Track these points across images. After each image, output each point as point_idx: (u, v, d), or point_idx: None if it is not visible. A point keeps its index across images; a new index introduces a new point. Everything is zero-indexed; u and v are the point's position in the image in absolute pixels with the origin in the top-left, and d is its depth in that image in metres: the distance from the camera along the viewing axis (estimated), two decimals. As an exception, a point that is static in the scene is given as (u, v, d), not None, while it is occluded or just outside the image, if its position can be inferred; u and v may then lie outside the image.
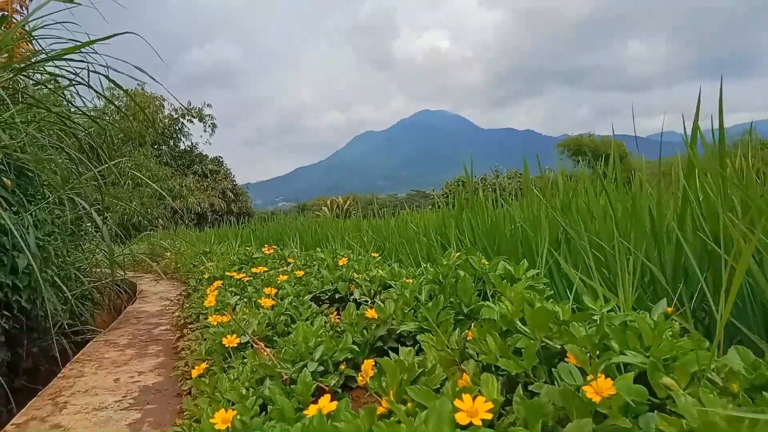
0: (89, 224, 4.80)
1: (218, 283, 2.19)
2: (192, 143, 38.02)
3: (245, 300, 1.93)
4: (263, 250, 3.37)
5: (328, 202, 20.15)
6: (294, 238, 5.99)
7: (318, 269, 2.32)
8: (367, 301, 1.89)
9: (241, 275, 2.21)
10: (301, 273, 2.23)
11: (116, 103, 30.33)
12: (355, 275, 2.09)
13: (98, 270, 5.54)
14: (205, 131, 36.97)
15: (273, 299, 1.79)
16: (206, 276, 2.50)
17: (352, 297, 1.96)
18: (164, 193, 5.31)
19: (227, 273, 2.29)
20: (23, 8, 3.77)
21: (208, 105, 37.17)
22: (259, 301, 1.74)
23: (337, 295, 2.13)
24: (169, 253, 7.36)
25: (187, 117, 37.17)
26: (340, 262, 2.35)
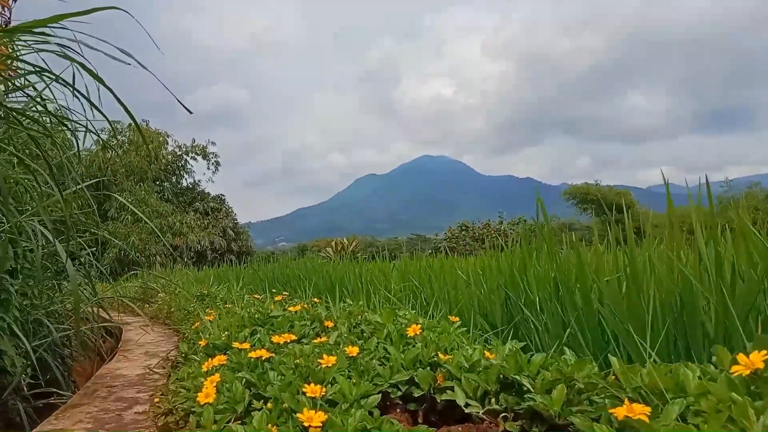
0: (75, 261, 4.16)
1: (220, 359, 1.50)
2: (194, 180, 37.75)
3: (268, 401, 1.20)
4: (276, 298, 2.73)
5: (333, 243, 19.49)
6: (303, 282, 5.33)
7: (376, 343, 1.63)
8: (478, 412, 1.23)
9: (259, 352, 1.47)
10: (355, 351, 1.50)
11: (119, 137, 30.16)
12: (441, 356, 1.42)
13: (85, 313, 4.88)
14: (208, 169, 36.71)
15: (321, 409, 1.08)
16: (202, 343, 1.81)
17: (440, 395, 1.27)
18: (157, 230, 4.70)
19: (235, 343, 1.59)
20: (5, 9, 3.25)
21: (212, 143, 37.03)
22: (298, 416, 1.06)
23: (415, 392, 1.39)
24: (162, 294, 6.67)
25: (190, 154, 36.96)
26: (410, 331, 1.67)
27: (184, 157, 36.81)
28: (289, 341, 1.57)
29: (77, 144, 4.02)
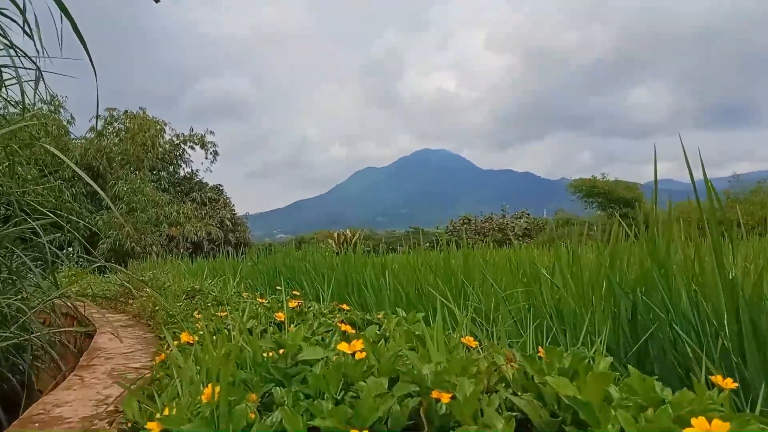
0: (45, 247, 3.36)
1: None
2: (192, 170, 36.83)
3: None
4: (290, 303, 1.95)
5: (335, 234, 18.68)
6: (312, 277, 4.53)
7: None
8: None
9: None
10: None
11: (115, 124, 29.31)
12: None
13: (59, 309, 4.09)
14: (206, 158, 35.78)
15: None
16: (153, 429, 0.99)
17: None
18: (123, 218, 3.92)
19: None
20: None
21: (210, 132, 36.10)
22: None
23: None
24: (149, 289, 5.87)
25: (188, 143, 36.03)
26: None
27: (182, 146, 35.89)
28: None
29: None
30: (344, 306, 2.08)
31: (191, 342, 1.55)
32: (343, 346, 1.03)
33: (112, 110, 31.46)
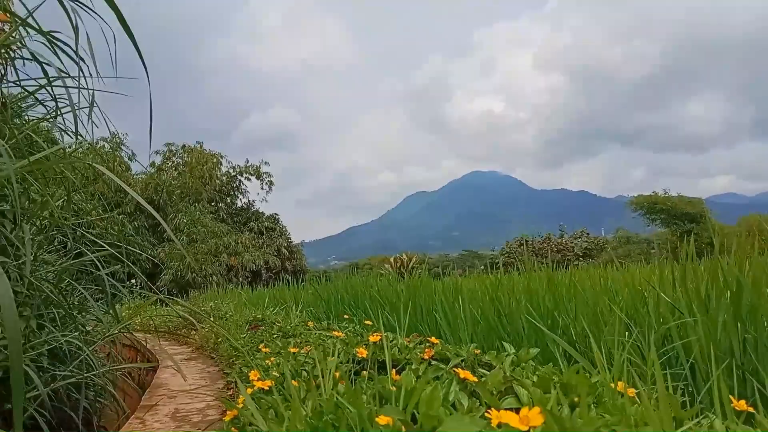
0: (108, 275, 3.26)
1: None
2: (249, 200, 37.67)
3: None
4: (372, 338, 1.69)
5: (392, 259, 18.43)
6: (378, 305, 4.27)
7: None
8: None
9: None
10: None
11: (173, 159, 30.35)
12: None
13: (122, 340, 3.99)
14: (262, 188, 36.56)
15: None
16: None
17: None
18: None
19: None
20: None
21: (265, 163, 36.93)
22: None
23: None
24: (212, 319, 5.76)
25: (244, 174, 36.95)
26: None
27: (238, 177, 36.84)
28: None
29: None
30: (433, 339, 1.79)
31: (265, 388, 1.31)
32: (510, 419, 0.74)
33: (170, 145, 32.64)
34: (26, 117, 3.21)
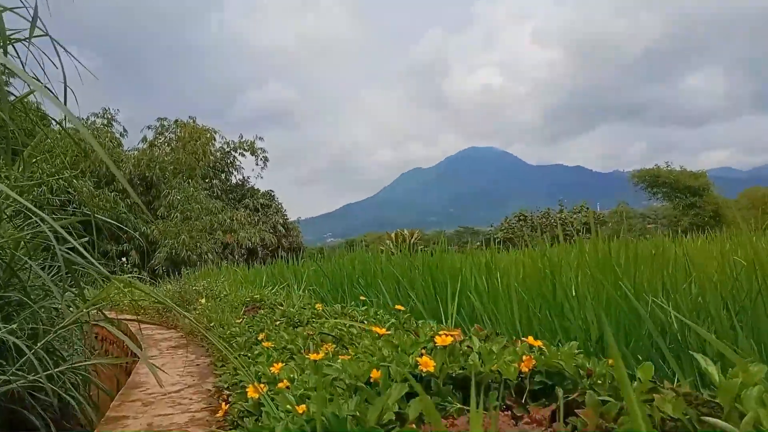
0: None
1: None
2: (243, 177, 36.92)
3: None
4: (441, 340, 1.13)
5: (392, 235, 17.82)
6: (391, 284, 3.69)
7: None
8: None
9: None
10: None
11: (166, 134, 29.57)
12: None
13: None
14: (257, 164, 35.79)
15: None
16: None
17: None
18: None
19: None
20: None
21: (260, 138, 36.09)
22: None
23: None
24: (204, 300, 5.18)
25: (239, 150, 36.15)
26: None
27: (233, 153, 36.04)
28: None
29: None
30: (530, 339, 1.22)
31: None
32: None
33: (162, 120, 31.73)
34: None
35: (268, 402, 0.98)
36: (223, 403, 1.41)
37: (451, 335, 1.14)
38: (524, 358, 1.11)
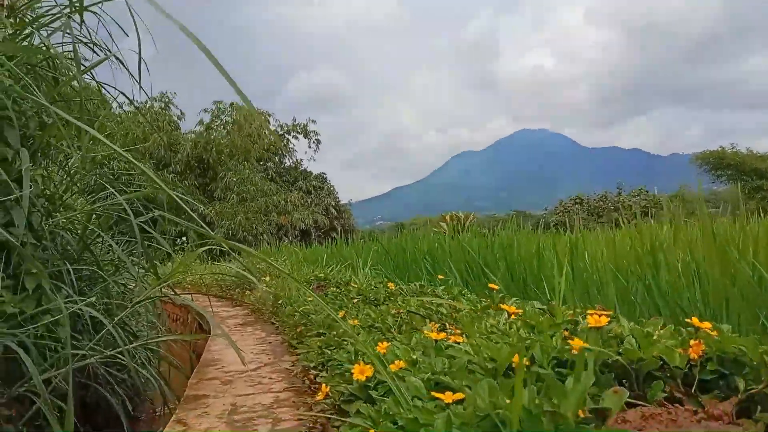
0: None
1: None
2: (297, 159, 37.30)
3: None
4: (590, 320, 0.96)
5: (447, 217, 17.60)
6: (472, 266, 3.51)
7: None
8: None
9: None
10: None
11: (222, 117, 30.16)
12: None
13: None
14: (309, 147, 36.11)
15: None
16: None
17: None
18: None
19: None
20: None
21: (312, 121, 36.32)
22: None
23: None
24: (268, 278, 5.15)
25: (292, 133, 36.56)
26: None
27: (286, 136, 36.44)
28: None
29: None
30: (695, 320, 1.04)
31: None
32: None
33: (218, 103, 32.30)
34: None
35: (396, 388, 0.83)
36: (324, 385, 1.29)
37: (606, 314, 0.97)
38: (692, 343, 0.92)
